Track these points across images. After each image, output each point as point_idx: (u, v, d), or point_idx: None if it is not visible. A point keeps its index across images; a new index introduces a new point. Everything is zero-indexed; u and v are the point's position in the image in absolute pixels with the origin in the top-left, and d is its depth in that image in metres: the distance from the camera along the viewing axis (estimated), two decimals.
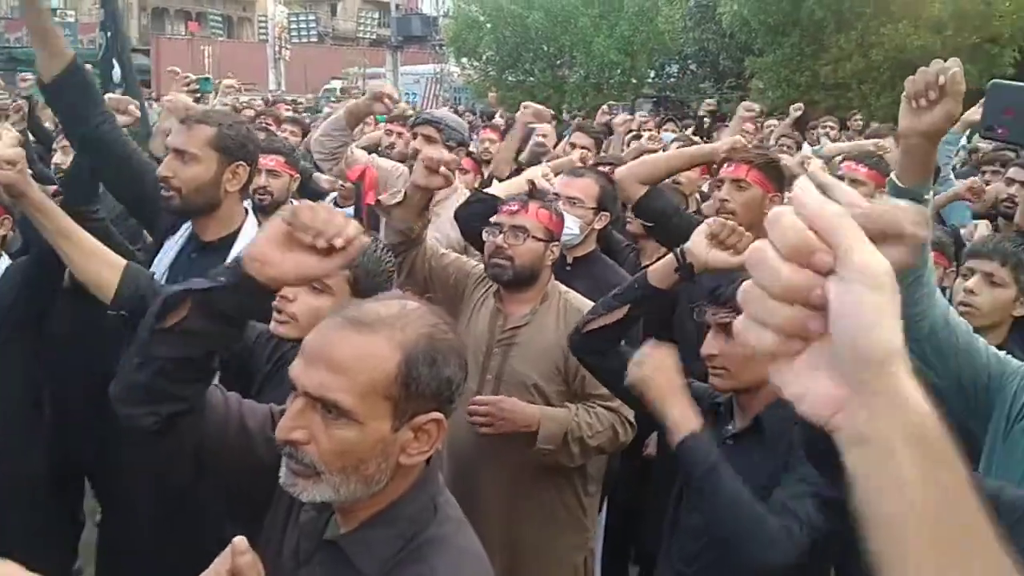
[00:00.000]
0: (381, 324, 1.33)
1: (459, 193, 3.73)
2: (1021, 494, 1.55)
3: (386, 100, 3.73)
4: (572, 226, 3.28)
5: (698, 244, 2.18)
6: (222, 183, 2.70)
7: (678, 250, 2.22)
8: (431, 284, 2.98)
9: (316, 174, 4.69)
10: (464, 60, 24.84)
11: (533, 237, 2.81)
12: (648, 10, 21.58)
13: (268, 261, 1.38)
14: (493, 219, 2.89)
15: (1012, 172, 4.62)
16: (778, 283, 0.62)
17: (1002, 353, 2.03)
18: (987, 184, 4.91)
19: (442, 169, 2.65)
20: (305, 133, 6.43)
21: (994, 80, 1.50)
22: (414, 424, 1.33)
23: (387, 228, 2.89)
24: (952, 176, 5.12)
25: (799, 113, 7.79)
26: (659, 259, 3.90)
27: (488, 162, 5.30)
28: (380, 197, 3.45)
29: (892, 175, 1.83)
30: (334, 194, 4.96)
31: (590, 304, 2.75)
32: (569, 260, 3.32)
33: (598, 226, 3.49)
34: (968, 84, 1.65)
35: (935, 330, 1.89)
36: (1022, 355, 2.06)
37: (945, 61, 1.64)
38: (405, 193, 2.76)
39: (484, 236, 2.90)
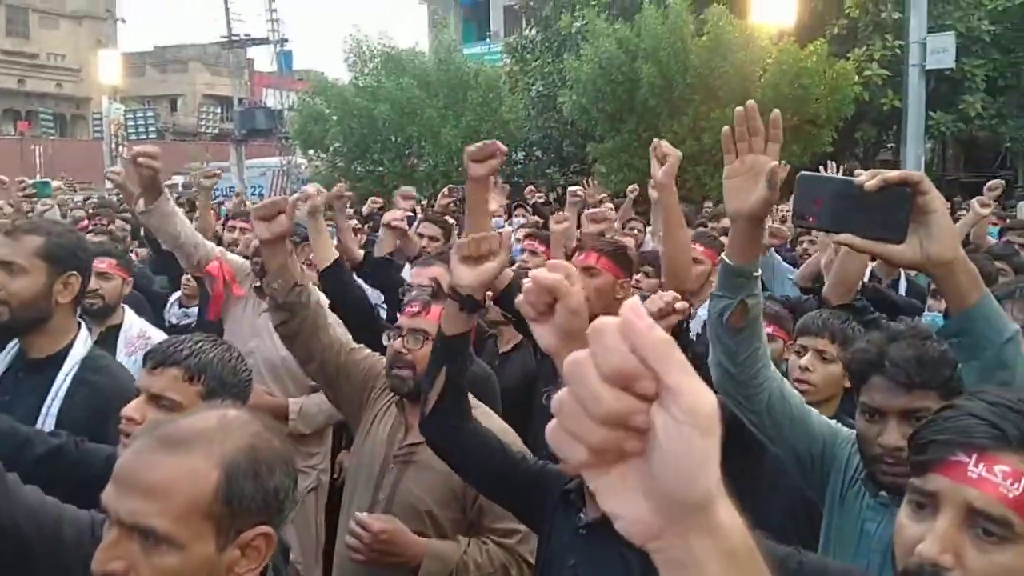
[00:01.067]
0: (197, 440, 1.26)
1: None
2: (841, 568, 1.60)
3: (140, 159, 3.32)
4: None
5: (458, 271, 2.12)
6: (52, 295, 2.50)
7: (450, 288, 2.17)
8: (337, 379, 2.82)
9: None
10: (311, 152, 24.70)
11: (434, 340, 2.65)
12: (492, 101, 22.11)
13: None
14: (396, 323, 2.75)
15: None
16: (598, 409, 0.61)
17: (832, 421, 2.10)
18: None
19: (280, 205, 2.55)
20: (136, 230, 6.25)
21: (802, 172, 1.57)
22: (240, 542, 1.25)
23: (270, 311, 2.74)
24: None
25: (635, 194, 8.01)
26: (515, 346, 3.98)
27: None
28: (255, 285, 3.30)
29: (723, 254, 1.87)
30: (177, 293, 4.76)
31: (499, 420, 2.64)
32: None
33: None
34: (791, 162, 1.72)
35: (772, 402, 1.93)
36: (851, 424, 2.12)
37: (737, 112, 1.76)
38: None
39: (384, 341, 2.75)
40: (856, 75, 17.25)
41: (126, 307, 3.84)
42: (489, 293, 2.53)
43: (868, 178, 1.44)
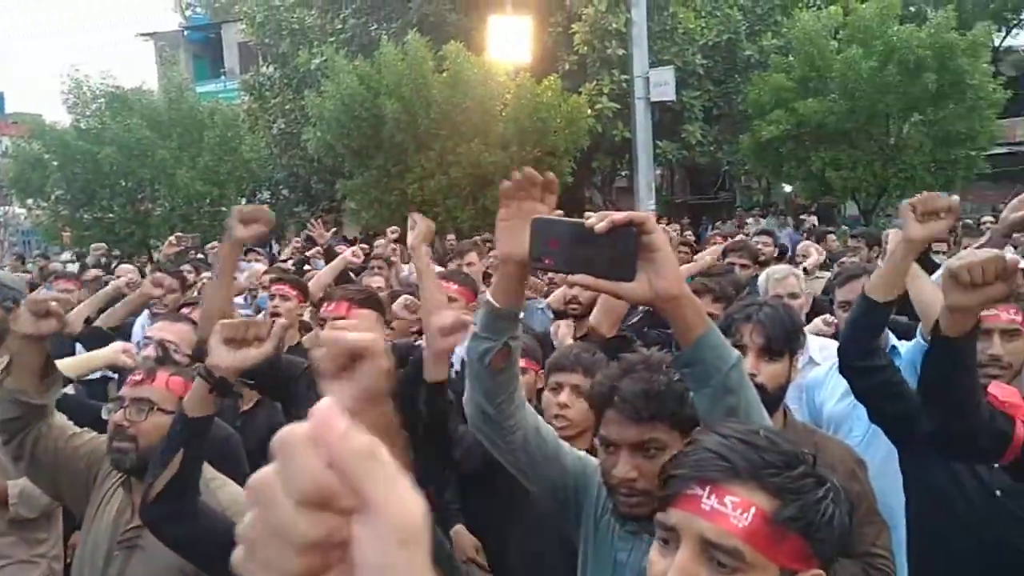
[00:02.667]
0: None
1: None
2: None
3: None
4: None
5: (218, 352, 2.05)
6: None
7: (203, 368, 2.12)
8: (59, 472, 2.50)
9: None
10: (30, 201, 22.57)
11: (160, 409, 2.41)
12: (231, 140, 21.26)
13: None
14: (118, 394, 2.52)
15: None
16: (295, 539, 0.54)
17: (582, 452, 2.14)
18: None
19: (52, 307, 2.30)
20: None
21: (536, 216, 1.59)
22: None
23: (1, 402, 2.42)
24: None
25: (396, 235, 7.95)
26: (257, 402, 3.74)
27: None
28: None
29: (488, 296, 1.85)
30: None
31: (234, 489, 2.48)
32: None
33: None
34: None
35: (528, 441, 1.96)
36: None
37: (514, 173, 1.76)
38: (9, 360, 2.38)
39: (103, 415, 2.50)
40: (589, 108, 18.13)
41: None
42: None
43: (597, 220, 1.48)
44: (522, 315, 1.87)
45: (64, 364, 3.11)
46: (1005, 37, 27.03)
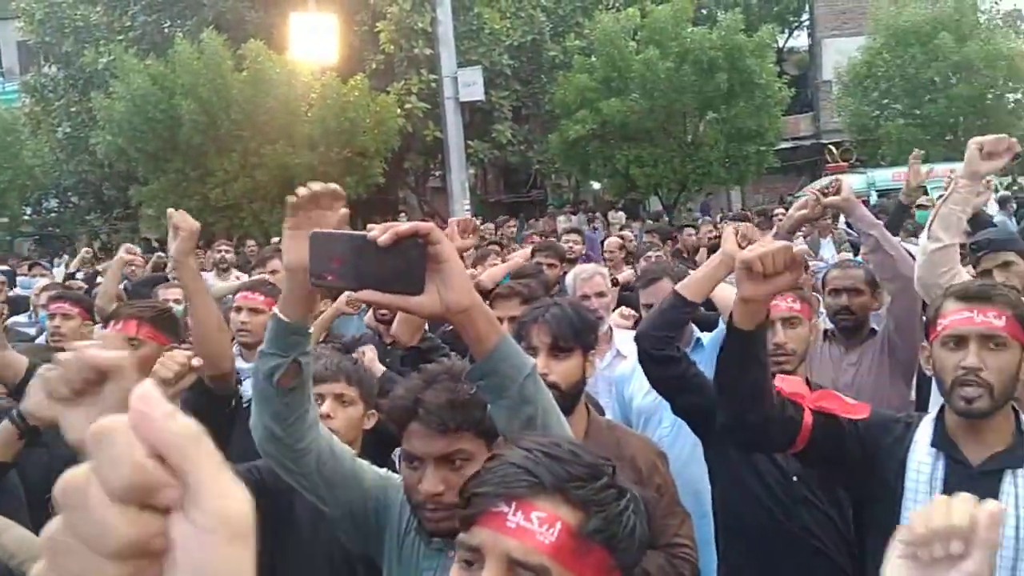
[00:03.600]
0: None
1: None
2: None
3: None
4: None
5: (37, 402, 1.95)
6: None
7: (16, 412, 2.06)
8: None
9: None
10: None
11: None
12: (11, 144, 19.82)
13: None
14: None
15: None
16: (110, 544, 0.49)
17: (384, 471, 2.08)
18: None
19: None
20: None
21: (314, 231, 1.52)
22: None
23: None
24: None
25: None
26: None
27: None
28: None
29: (275, 310, 1.75)
30: None
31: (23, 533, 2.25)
32: None
33: None
34: (348, 194, 1.75)
35: (323, 461, 1.89)
36: None
37: (322, 175, 1.75)
38: None
39: None
40: (398, 108, 17.95)
41: None
42: None
43: (380, 232, 1.43)
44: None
45: None
46: (788, 38, 29.02)
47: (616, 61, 19.29)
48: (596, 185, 24.56)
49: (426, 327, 3.42)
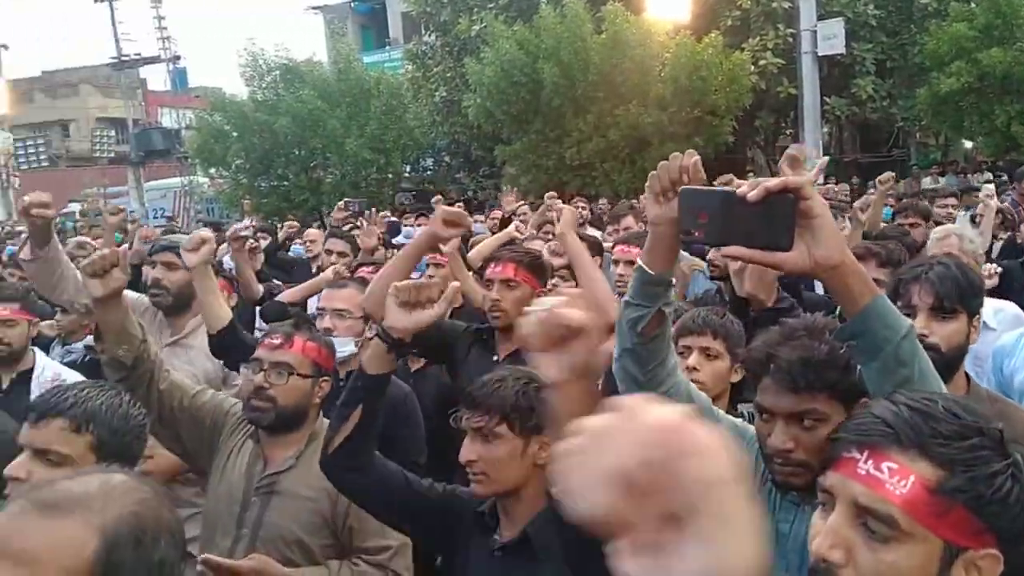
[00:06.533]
0: (75, 505, 1.15)
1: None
2: None
3: (34, 211, 3.32)
4: (345, 345, 3.12)
5: (394, 314, 2.14)
6: None
7: (380, 328, 2.19)
8: (180, 428, 2.66)
9: None
10: (212, 170, 24.11)
11: (299, 374, 2.55)
12: (395, 108, 21.98)
13: None
14: (254, 355, 2.62)
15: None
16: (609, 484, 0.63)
17: (738, 421, 2.11)
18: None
19: (116, 271, 2.44)
20: None
21: (683, 187, 1.55)
22: None
23: (104, 368, 2.58)
24: None
25: (555, 201, 7.85)
26: (428, 362, 3.88)
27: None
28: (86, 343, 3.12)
29: (640, 262, 1.81)
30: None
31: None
32: (342, 375, 3.07)
33: (370, 334, 3.33)
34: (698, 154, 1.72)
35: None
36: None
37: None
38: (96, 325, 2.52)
39: (242, 372, 2.66)
40: (752, 65, 17.59)
41: (36, 350, 3.67)
42: None
43: (749, 188, 1.42)
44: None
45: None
46: None
47: (1001, 7, 17.34)
48: (968, 144, 22.36)
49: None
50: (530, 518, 2.02)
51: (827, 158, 5.27)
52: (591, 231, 7.74)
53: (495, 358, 3.31)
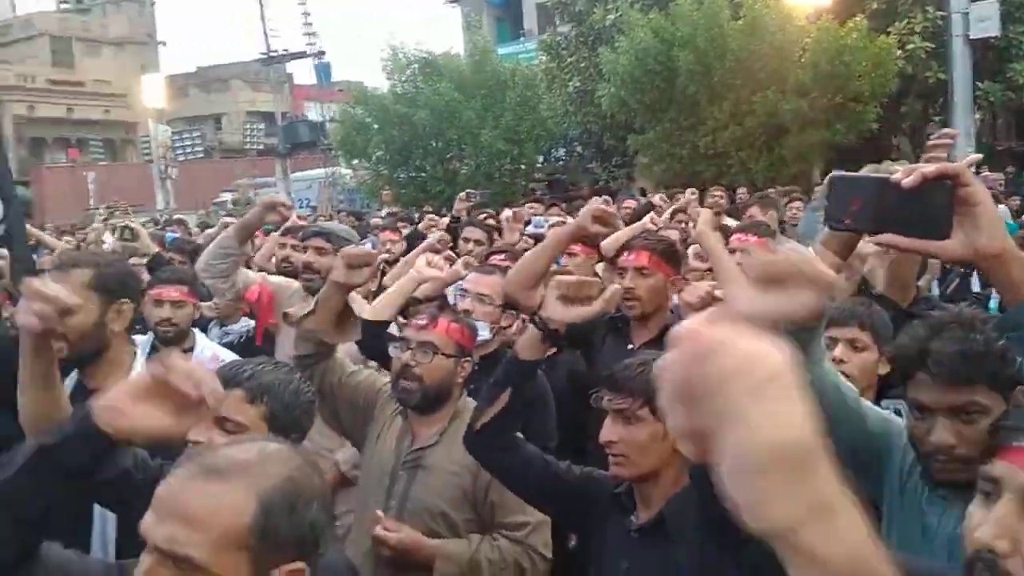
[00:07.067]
0: (235, 470, 1.27)
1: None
2: (925, 565, 1.55)
3: (280, 209, 3.65)
4: (482, 329, 3.21)
5: (552, 306, 2.18)
6: (107, 324, 2.55)
7: (537, 317, 2.22)
8: (338, 404, 2.84)
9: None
10: (355, 162, 24.92)
11: (443, 354, 2.69)
12: (530, 99, 22.11)
13: (120, 411, 1.33)
14: (401, 334, 2.80)
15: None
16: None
17: (886, 412, 2.07)
18: None
19: (366, 270, 2.57)
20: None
21: (834, 173, 1.52)
22: None
23: (298, 340, 2.75)
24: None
25: (694, 197, 7.65)
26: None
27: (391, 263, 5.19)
28: (288, 311, 3.34)
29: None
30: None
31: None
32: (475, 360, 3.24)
33: (505, 324, 3.46)
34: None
35: (829, 400, 1.85)
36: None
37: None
38: (316, 302, 2.66)
39: (391, 352, 2.80)
40: (899, 49, 16.88)
41: (197, 331, 3.91)
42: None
43: (905, 175, 1.37)
44: None
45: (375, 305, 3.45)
46: None
47: None
48: None
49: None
50: (666, 500, 2.06)
51: (979, 155, 4.99)
52: (728, 221, 7.72)
53: (630, 346, 3.35)
